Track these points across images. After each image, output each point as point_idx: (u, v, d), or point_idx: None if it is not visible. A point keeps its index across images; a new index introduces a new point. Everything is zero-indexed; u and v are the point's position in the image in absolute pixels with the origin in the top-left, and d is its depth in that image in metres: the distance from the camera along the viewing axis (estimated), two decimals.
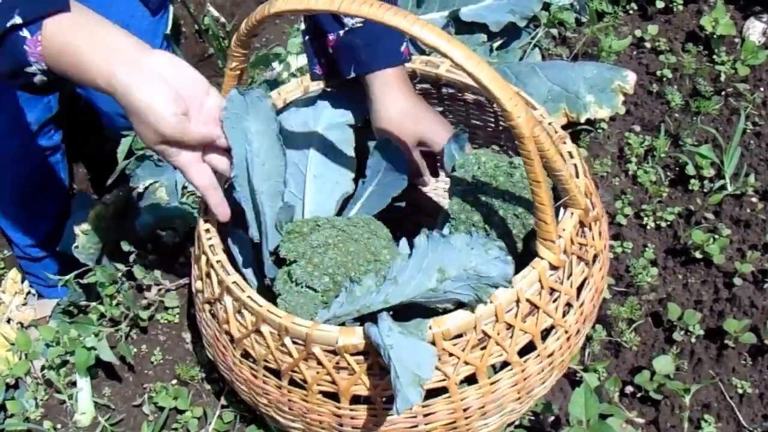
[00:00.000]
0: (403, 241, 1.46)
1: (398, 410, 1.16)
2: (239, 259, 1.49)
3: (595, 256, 1.42)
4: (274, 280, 1.44)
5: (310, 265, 1.41)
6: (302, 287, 1.40)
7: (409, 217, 1.66)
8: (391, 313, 1.29)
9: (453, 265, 1.25)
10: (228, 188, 1.50)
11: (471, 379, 1.33)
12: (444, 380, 1.30)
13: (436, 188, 1.82)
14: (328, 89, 1.63)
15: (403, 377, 1.17)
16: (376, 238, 1.46)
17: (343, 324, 1.33)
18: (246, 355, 1.40)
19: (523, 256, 1.36)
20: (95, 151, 2.76)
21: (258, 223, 1.47)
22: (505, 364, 1.34)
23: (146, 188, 2.04)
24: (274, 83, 2.11)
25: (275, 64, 2.24)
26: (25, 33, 1.26)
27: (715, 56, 2.04)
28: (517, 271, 1.30)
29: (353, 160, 1.61)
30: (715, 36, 2.04)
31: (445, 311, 1.30)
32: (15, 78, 1.30)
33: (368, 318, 1.30)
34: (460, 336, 1.27)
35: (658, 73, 2.04)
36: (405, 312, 1.30)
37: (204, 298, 1.46)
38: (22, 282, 2.56)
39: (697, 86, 1.99)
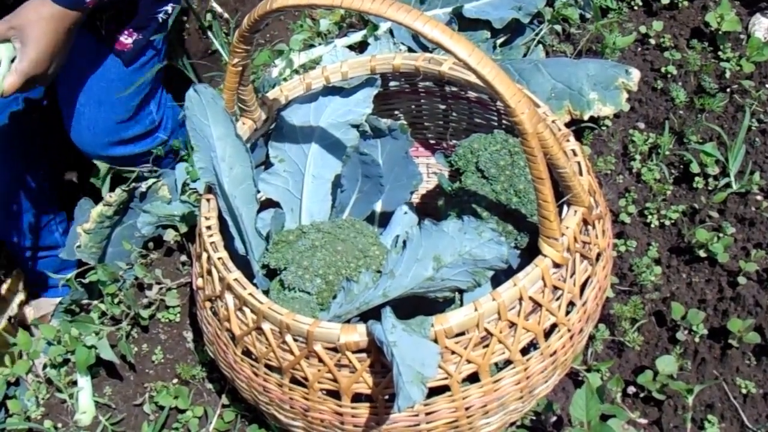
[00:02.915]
0: (386, 232, 1.46)
1: (399, 408, 1.16)
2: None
3: (599, 255, 1.41)
4: (268, 293, 1.44)
5: (300, 269, 1.41)
6: (296, 292, 1.40)
7: None
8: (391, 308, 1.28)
9: (447, 252, 1.25)
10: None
11: (473, 378, 1.32)
12: (446, 378, 1.29)
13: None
14: (331, 86, 1.63)
15: (405, 375, 1.16)
16: (362, 236, 1.46)
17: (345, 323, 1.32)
18: (247, 352, 1.39)
19: (530, 251, 1.36)
20: None
21: (239, 233, 1.47)
22: (507, 363, 1.33)
23: (148, 187, 2.03)
24: (276, 80, 2.10)
25: (278, 61, 2.24)
26: None
27: (720, 53, 2.03)
28: (520, 268, 1.30)
29: None
30: (720, 32, 2.03)
31: (446, 300, 1.29)
32: None
33: (370, 316, 1.30)
34: (462, 334, 1.26)
35: (663, 69, 2.02)
36: (406, 307, 1.29)
37: (205, 296, 1.46)
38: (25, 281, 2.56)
39: (702, 83, 1.98)
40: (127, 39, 1.95)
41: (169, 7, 1.97)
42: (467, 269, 1.25)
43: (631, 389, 1.55)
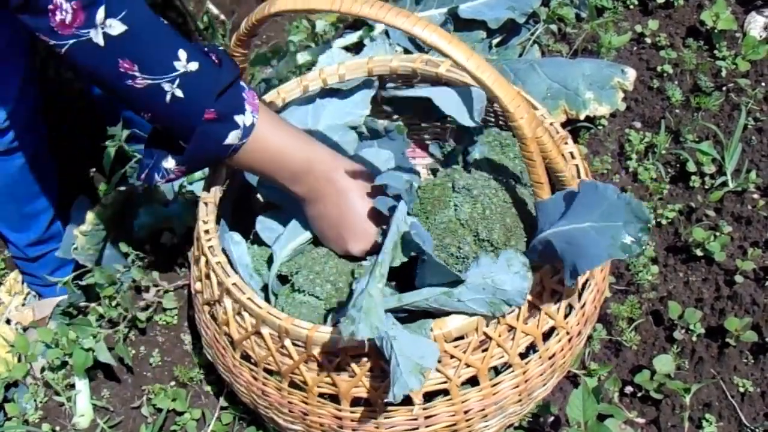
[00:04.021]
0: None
1: (394, 396, 1.15)
2: (235, 260, 1.49)
3: None
4: (277, 297, 1.44)
5: (312, 273, 1.41)
6: (305, 295, 1.39)
7: None
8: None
9: (472, 272, 1.24)
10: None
11: (472, 381, 1.32)
12: (445, 382, 1.29)
13: None
14: (328, 88, 1.62)
15: (404, 366, 1.16)
16: None
17: None
18: (246, 357, 1.39)
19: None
20: (95, 150, 2.75)
21: None
22: (506, 366, 1.33)
23: (145, 189, 2.03)
24: (272, 82, 2.10)
25: (274, 62, 2.23)
26: (244, 85, 1.31)
27: (716, 51, 2.03)
28: None
29: None
30: (715, 31, 2.03)
31: None
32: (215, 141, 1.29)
33: None
34: (461, 338, 1.26)
35: (659, 68, 2.03)
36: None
37: (203, 300, 1.45)
38: (23, 283, 2.55)
39: (697, 82, 1.98)
40: None
41: None
42: (485, 297, 1.23)
43: (629, 389, 1.55)
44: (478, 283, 1.22)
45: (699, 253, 1.70)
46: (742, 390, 1.52)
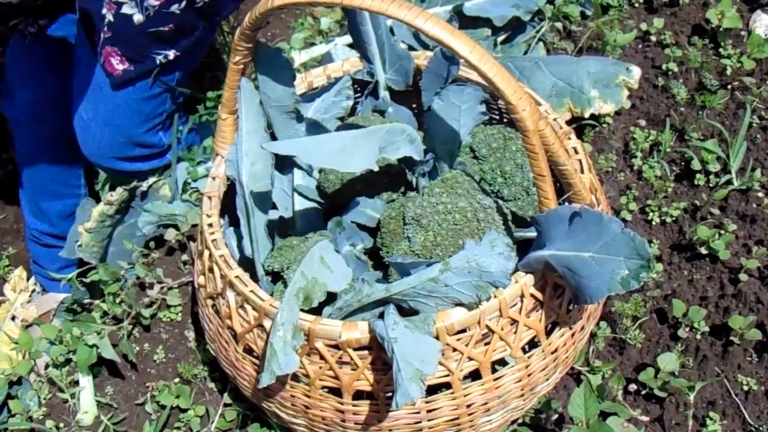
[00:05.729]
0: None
1: (397, 404, 1.16)
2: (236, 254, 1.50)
3: None
4: (273, 294, 1.44)
5: None
6: None
7: None
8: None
9: (456, 256, 1.24)
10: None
11: (475, 375, 1.32)
12: (448, 375, 1.29)
13: None
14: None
15: (404, 371, 1.16)
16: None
17: (348, 317, 1.32)
18: (248, 350, 1.39)
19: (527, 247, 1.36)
20: None
21: (249, 232, 1.47)
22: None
23: (149, 186, 2.03)
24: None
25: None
26: None
27: (721, 49, 2.03)
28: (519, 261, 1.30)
29: None
30: (721, 29, 2.03)
31: None
32: None
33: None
34: (464, 331, 1.26)
35: (664, 66, 2.02)
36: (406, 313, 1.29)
37: (206, 293, 1.45)
38: (28, 280, 2.56)
39: (702, 80, 1.97)
40: (118, 64, 1.90)
41: (170, 53, 1.91)
42: (472, 281, 1.23)
43: (633, 387, 1.54)
44: (463, 267, 1.22)
45: (703, 251, 1.69)
46: (746, 388, 1.52)
